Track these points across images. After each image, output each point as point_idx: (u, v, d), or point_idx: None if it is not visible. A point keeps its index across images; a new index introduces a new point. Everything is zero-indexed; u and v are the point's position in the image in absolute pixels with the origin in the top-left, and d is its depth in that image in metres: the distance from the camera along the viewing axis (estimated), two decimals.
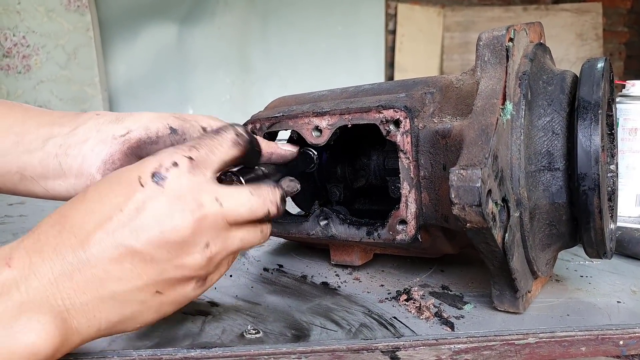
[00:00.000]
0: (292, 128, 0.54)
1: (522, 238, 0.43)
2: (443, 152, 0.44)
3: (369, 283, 0.54)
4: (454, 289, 0.52)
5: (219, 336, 0.42)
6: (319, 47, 3.06)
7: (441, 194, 0.45)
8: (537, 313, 0.46)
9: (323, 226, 0.54)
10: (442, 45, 3.22)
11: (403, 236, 0.48)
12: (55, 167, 0.45)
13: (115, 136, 0.46)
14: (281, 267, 0.59)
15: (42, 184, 0.46)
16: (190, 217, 0.35)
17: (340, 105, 0.51)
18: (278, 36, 3.06)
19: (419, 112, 0.48)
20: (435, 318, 0.46)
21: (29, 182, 0.46)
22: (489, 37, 0.43)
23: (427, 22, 3.20)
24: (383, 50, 3.15)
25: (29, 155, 0.45)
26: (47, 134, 0.46)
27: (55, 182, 0.46)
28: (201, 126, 0.49)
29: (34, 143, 0.45)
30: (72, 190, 0.46)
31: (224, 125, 0.40)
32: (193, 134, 0.48)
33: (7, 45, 2.44)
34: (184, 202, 0.35)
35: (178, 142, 0.47)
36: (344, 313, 0.47)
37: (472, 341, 0.43)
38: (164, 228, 0.34)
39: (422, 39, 3.19)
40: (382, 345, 0.42)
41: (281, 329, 0.44)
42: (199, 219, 0.35)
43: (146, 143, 0.46)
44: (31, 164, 0.45)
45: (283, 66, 3.04)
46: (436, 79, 0.52)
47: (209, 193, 0.36)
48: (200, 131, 0.48)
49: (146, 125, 0.46)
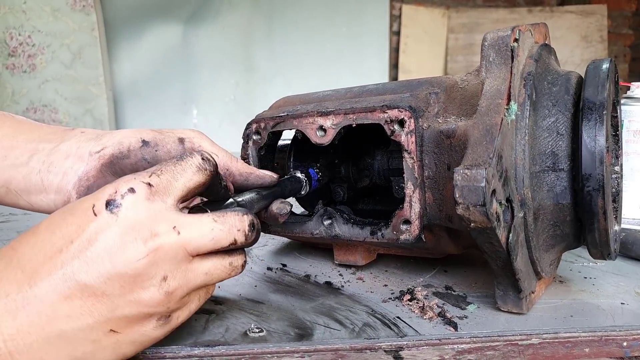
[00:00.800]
0: (296, 127, 0.54)
1: (526, 238, 0.43)
2: (447, 152, 0.44)
3: (373, 283, 0.54)
4: (458, 289, 0.52)
5: (223, 334, 0.42)
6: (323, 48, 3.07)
7: (445, 194, 0.45)
8: (541, 314, 0.46)
9: (327, 226, 0.54)
10: (446, 47, 3.22)
11: (407, 236, 0.48)
12: (37, 183, 0.45)
13: (91, 152, 0.45)
14: (285, 267, 0.59)
15: (26, 198, 0.46)
16: (143, 248, 0.32)
17: (344, 105, 0.52)
18: (282, 37, 3.07)
19: (424, 112, 0.48)
20: (438, 318, 0.46)
21: (14, 195, 0.46)
22: (494, 37, 0.43)
23: (431, 23, 3.20)
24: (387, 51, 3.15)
25: (15, 169, 0.45)
26: (33, 150, 0.45)
27: (38, 197, 0.46)
28: (178, 137, 0.47)
29: (20, 158, 0.45)
30: (52, 205, 0.45)
31: (190, 152, 0.38)
32: (168, 145, 0.46)
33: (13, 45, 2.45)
34: (137, 232, 0.33)
35: (150, 154, 0.46)
36: (347, 312, 0.47)
37: (475, 341, 0.43)
38: (115, 260, 0.32)
39: (426, 40, 3.19)
40: (385, 345, 0.42)
41: (284, 328, 0.44)
42: (154, 249, 0.33)
43: (118, 158, 0.45)
44: (16, 179, 0.45)
45: (287, 66, 3.05)
46: (441, 79, 0.52)
47: (166, 222, 0.34)
48: (176, 142, 0.46)
49: (120, 141, 0.45)
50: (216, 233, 0.36)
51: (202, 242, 0.35)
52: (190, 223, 0.35)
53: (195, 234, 0.35)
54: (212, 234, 0.35)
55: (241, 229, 0.37)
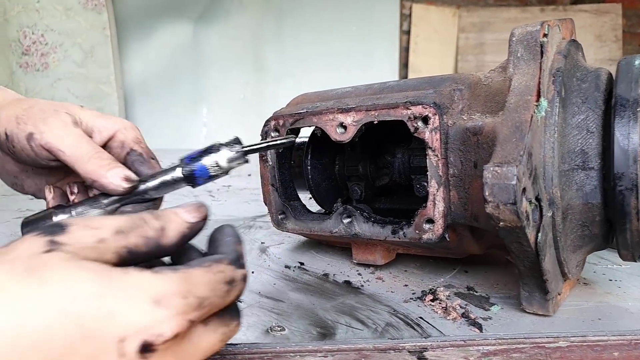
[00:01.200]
0: (315, 124, 0.54)
1: (554, 238, 0.42)
2: (474, 149, 0.43)
3: (393, 283, 0.53)
4: (480, 290, 0.51)
5: (244, 332, 0.42)
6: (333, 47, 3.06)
7: (471, 192, 0.44)
8: (567, 316, 0.45)
9: (346, 224, 0.53)
10: (457, 46, 3.19)
11: (430, 235, 0.47)
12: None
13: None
14: (302, 265, 0.59)
15: None
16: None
17: (366, 101, 0.51)
18: (292, 36, 3.06)
19: (448, 108, 0.47)
20: (462, 319, 0.45)
21: None
22: (523, 32, 0.42)
23: (442, 22, 3.18)
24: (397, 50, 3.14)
25: None
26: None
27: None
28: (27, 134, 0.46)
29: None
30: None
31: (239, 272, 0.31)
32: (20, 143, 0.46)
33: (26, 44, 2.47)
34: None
35: (10, 149, 0.47)
36: (368, 312, 0.46)
37: (501, 343, 0.42)
38: None
39: (436, 40, 3.17)
40: (409, 345, 0.41)
41: (306, 327, 0.43)
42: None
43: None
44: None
45: (297, 66, 3.04)
46: (464, 76, 0.51)
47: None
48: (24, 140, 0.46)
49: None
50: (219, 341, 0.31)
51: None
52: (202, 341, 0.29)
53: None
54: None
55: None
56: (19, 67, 2.40)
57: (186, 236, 0.32)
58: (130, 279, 0.26)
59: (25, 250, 0.26)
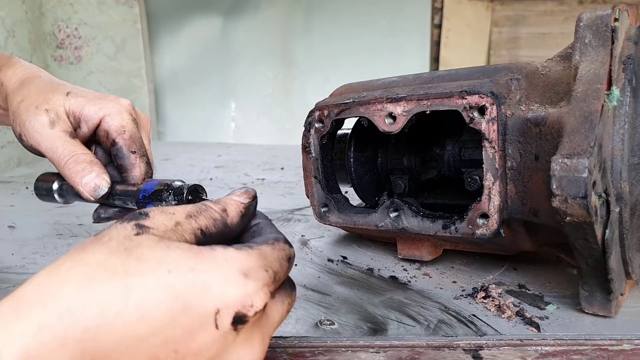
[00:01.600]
0: (363, 115, 0.52)
1: (620, 236, 0.40)
2: (535, 141, 0.41)
3: (440, 279, 0.52)
4: (532, 288, 0.49)
5: (293, 325, 0.41)
6: (362, 41, 3.03)
7: (531, 186, 0.42)
8: (629, 318, 0.43)
9: (393, 218, 0.52)
10: (489, 41, 3.13)
11: (484, 231, 0.45)
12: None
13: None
14: (345, 259, 0.58)
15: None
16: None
17: (417, 90, 0.49)
18: (321, 30, 3.04)
19: (505, 98, 0.45)
20: (517, 317, 0.43)
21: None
22: (592, 17, 0.40)
23: (474, 16, 3.11)
24: (428, 45, 3.09)
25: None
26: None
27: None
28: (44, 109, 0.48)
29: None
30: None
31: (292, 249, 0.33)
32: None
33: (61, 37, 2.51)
34: (252, 353, 0.28)
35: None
36: (419, 308, 0.45)
37: (560, 344, 0.40)
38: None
39: (468, 34, 3.11)
40: (463, 343, 0.40)
41: (356, 322, 0.42)
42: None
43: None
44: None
45: (326, 60, 3.02)
46: (520, 65, 0.49)
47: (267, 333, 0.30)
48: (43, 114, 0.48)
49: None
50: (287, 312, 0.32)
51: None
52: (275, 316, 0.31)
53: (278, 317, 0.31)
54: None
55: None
56: (53, 60, 2.45)
57: (245, 216, 0.33)
58: (217, 254, 0.27)
59: (118, 234, 0.27)
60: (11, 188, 1.04)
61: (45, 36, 2.39)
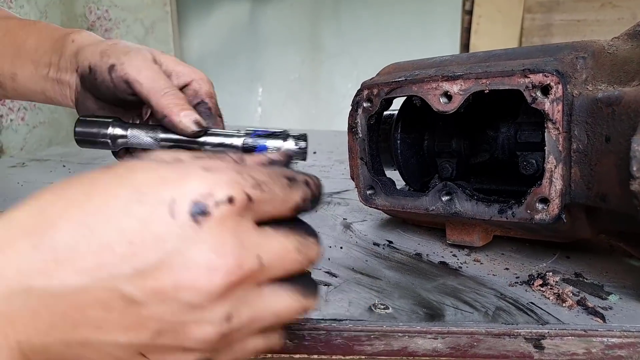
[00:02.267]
0: (415, 94, 0.50)
1: None
2: (607, 122, 0.39)
3: (492, 266, 0.50)
4: (589, 277, 0.47)
5: (347, 308, 0.40)
6: (391, 26, 2.97)
7: (600, 169, 0.40)
8: None
9: (445, 202, 0.50)
10: (521, 28, 3.04)
11: (543, 216, 0.44)
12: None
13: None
14: (391, 243, 0.56)
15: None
16: (220, 281, 0.25)
17: (474, 68, 0.47)
18: (349, 14, 3.00)
19: (571, 78, 0.42)
20: (578, 307, 0.42)
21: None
22: None
23: (506, 2, 3.02)
24: (459, 31, 3.02)
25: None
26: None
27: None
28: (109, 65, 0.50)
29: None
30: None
31: (299, 175, 0.31)
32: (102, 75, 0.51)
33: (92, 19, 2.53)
34: (221, 257, 0.25)
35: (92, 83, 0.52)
36: (474, 295, 0.43)
37: (627, 335, 0.38)
38: (181, 284, 0.25)
39: (500, 20, 3.02)
40: (525, 332, 0.38)
41: (411, 307, 0.41)
42: (233, 283, 0.25)
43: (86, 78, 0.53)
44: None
45: (354, 45, 2.98)
46: (585, 43, 0.46)
47: (251, 249, 0.27)
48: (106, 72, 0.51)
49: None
50: (292, 258, 0.29)
51: (279, 272, 0.28)
52: (270, 248, 0.28)
53: (275, 262, 0.28)
54: (290, 263, 0.29)
55: (315, 254, 0.30)
56: None
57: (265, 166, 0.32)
58: (188, 162, 0.29)
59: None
60: (48, 166, 1.05)
61: (77, 18, 2.40)
